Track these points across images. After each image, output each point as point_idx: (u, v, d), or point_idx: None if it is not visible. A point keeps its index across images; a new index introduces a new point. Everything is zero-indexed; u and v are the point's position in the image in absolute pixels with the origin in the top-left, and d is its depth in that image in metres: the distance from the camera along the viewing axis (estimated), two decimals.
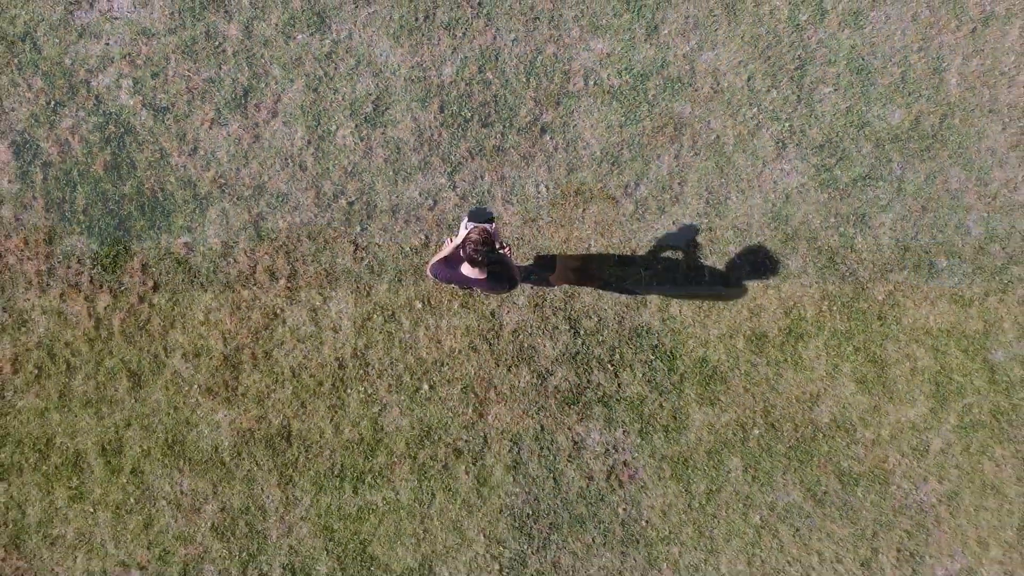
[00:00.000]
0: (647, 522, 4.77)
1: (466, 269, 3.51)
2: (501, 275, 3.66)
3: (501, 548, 4.75)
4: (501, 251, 3.72)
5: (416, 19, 4.70)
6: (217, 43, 4.68)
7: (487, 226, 3.61)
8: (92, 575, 4.67)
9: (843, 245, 4.84)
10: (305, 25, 4.67)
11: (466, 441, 4.76)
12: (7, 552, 4.64)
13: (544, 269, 4.82)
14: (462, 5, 4.69)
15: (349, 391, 4.75)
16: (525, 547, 4.75)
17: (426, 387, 4.77)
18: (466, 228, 3.78)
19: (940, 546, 4.82)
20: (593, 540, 4.76)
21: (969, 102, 4.83)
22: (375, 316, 4.74)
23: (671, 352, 4.81)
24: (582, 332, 4.79)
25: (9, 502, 4.65)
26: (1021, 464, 4.85)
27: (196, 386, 4.71)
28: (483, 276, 3.52)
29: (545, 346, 4.79)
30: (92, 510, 4.67)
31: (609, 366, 4.81)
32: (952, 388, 4.85)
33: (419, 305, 4.76)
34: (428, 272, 3.99)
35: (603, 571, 4.76)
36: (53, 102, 4.67)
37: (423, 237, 4.76)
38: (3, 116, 4.63)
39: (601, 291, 4.82)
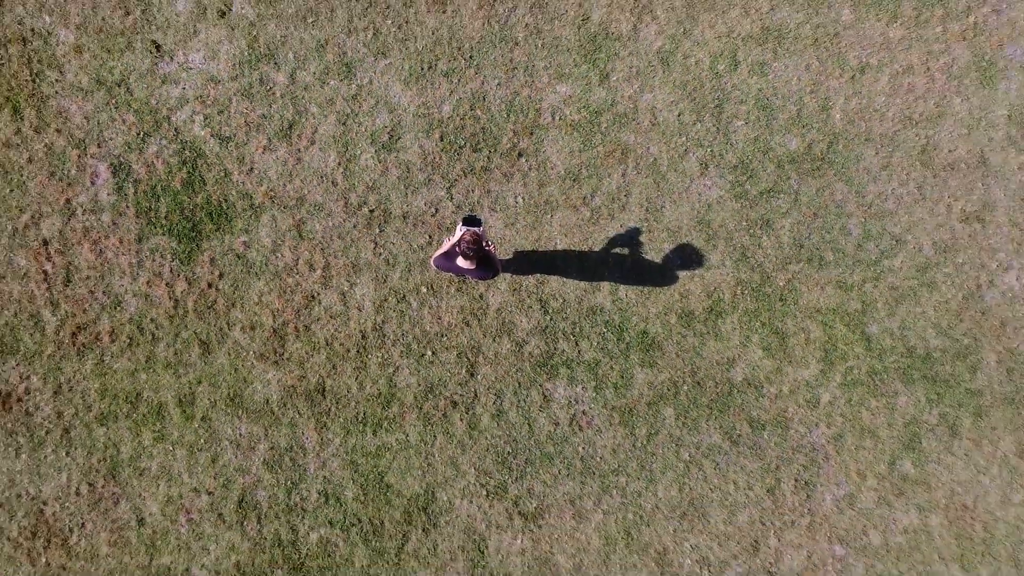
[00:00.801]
0: (601, 458, 5.11)
1: (461, 262, 3.78)
2: (487, 266, 3.90)
3: (487, 478, 5.06)
4: (487, 248, 3.89)
5: (422, 69, 5.12)
6: (268, 87, 5.04)
7: (477, 229, 3.82)
8: (171, 499, 4.91)
9: (752, 243, 5.22)
10: (336, 73, 5.08)
11: (460, 395, 5.07)
12: (106, 481, 4.91)
13: (520, 262, 5.10)
14: (457, 58, 5.14)
15: (370, 356, 5.02)
16: (506, 477, 5.08)
17: (429, 353, 5.05)
18: (461, 230, 4.00)
19: (828, 477, 5.19)
20: (559, 472, 5.09)
21: (850, 132, 5.26)
22: (390, 298, 5.04)
23: (619, 326, 5.17)
24: (550, 310, 5.13)
25: (107, 442, 4.91)
26: (891, 413, 5.23)
27: (252, 352, 4.98)
28: (473, 267, 3.79)
29: (521, 321, 5.11)
30: (171, 448, 4.92)
31: (571, 337, 5.14)
32: (837, 354, 5.24)
33: (424, 290, 5.06)
34: (431, 264, 4.21)
35: (567, 496, 5.08)
36: (142, 133, 4.97)
37: (427, 237, 5.05)
38: (104, 144, 4.95)
39: (565, 278, 5.14)
